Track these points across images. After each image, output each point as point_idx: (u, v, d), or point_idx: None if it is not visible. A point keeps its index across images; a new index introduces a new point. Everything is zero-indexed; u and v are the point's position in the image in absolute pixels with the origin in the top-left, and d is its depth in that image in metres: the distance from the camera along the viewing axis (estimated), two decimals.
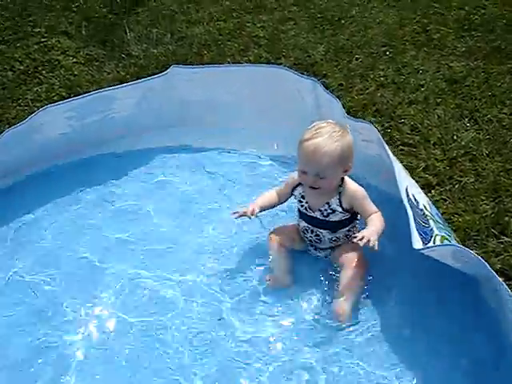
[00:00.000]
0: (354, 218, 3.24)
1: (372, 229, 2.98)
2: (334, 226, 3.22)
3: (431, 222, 2.93)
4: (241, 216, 3.25)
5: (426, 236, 2.77)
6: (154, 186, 3.91)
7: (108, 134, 3.99)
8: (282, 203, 3.40)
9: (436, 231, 2.85)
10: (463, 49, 4.98)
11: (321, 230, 3.24)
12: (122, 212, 3.74)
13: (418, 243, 2.69)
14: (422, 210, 2.98)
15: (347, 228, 3.24)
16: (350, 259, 3.12)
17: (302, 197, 3.25)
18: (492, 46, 5.00)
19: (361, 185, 3.20)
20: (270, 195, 3.38)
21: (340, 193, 3.15)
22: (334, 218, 3.19)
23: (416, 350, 2.89)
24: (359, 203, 3.15)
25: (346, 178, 3.17)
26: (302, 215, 3.29)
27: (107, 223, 3.66)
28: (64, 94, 4.65)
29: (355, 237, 2.92)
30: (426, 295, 3.10)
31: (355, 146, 3.14)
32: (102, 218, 3.71)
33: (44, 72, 4.96)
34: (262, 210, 3.31)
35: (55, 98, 4.61)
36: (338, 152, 2.99)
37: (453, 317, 2.98)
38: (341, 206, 3.15)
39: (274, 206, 3.40)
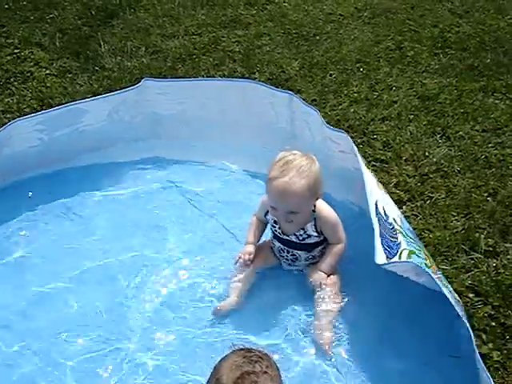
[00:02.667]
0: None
1: (321, 269, 3.11)
2: (310, 247, 3.22)
3: (400, 236, 2.91)
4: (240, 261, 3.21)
5: (391, 250, 2.75)
6: (124, 199, 3.86)
7: (78, 146, 3.94)
8: (267, 223, 3.36)
9: (404, 245, 2.83)
10: (437, 66, 5.04)
11: (296, 251, 3.23)
12: (93, 225, 3.69)
13: (381, 258, 2.68)
14: (391, 223, 2.97)
15: (323, 245, 3.24)
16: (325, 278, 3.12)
17: (275, 222, 3.22)
18: (465, 63, 5.06)
19: (332, 206, 3.21)
20: (256, 226, 3.34)
21: (315, 218, 3.14)
22: (309, 241, 3.19)
23: (387, 368, 2.87)
24: (329, 228, 3.17)
25: (319, 202, 3.15)
26: (277, 237, 3.26)
27: (74, 236, 3.61)
28: (35, 105, 4.60)
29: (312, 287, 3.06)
30: (398, 311, 3.09)
31: (332, 158, 3.13)
32: (70, 231, 3.65)
33: (16, 83, 4.91)
34: (257, 243, 3.31)
35: (26, 109, 4.56)
36: (308, 187, 2.97)
37: (425, 334, 2.97)
38: (316, 231, 3.16)
39: (264, 230, 3.37)
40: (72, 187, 3.90)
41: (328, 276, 3.12)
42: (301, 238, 3.17)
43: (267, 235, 3.39)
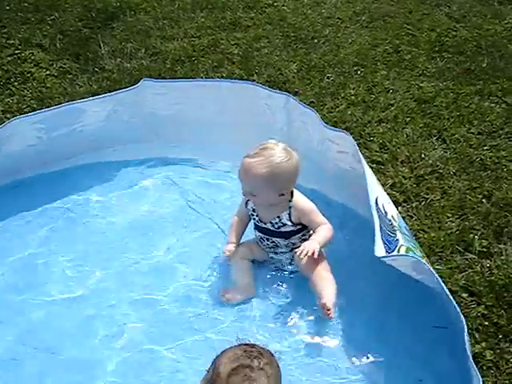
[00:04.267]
0: (305, 227, 3.31)
1: (313, 239, 3.13)
2: (286, 234, 3.29)
3: (398, 232, 2.95)
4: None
5: (390, 245, 2.79)
6: (123, 200, 3.89)
7: (77, 146, 3.97)
8: (248, 222, 3.43)
9: (402, 242, 2.87)
10: (433, 70, 5.07)
11: (275, 238, 3.30)
12: (91, 225, 3.72)
13: (380, 251, 2.71)
14: (390, 220, 3.01)
15: (300, 234, 3.31)
16: (316, 267, 3.17)
17: (254, 210, 3.32)
18: (462, 67, 5.09)
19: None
20: (237, 225, 3.41)
21: (290, 207, 3.22)
22: (285, 229, 3.27)
23: (378, 364, 2.90)
24: (307, 218, 3.24)
25: (296, 193, 3.25)
26: (256, 226, 3.36)
27: (75, 236, 3.64)
28: (35, 105, 4.62)
29: (297, 252, 3.07)
30: (388, 309, 3.13)
31: (330, 158, 3.18)
32: (70, 231, 3.68)
33: (16, 84, 4.93)
34: (238, 242, 3.37)
35: (26, 109, 4.58)
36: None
37: (415, 331, 3.01)
38: (290, 220, 3.23)
39: (245, 229, 3.44)
40: (70, 187, 3.92)
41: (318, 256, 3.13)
42: (276, 226, 3.26)
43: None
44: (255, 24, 5.76)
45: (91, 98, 3.91)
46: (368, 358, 2.93)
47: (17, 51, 5.34)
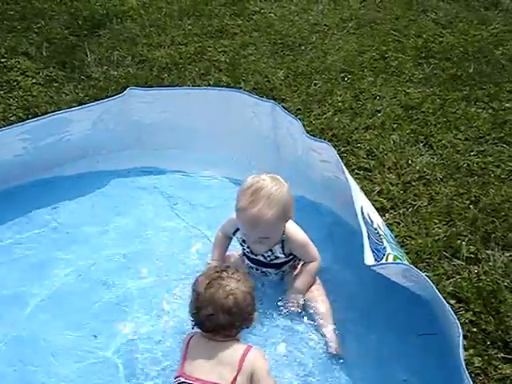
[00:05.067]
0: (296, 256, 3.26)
1: (297, 288, 3.14)
2: (278, 265, 3.24)
3: (385, 240, 2.96)
4: None
5: (378, 254, 2.79)
6: (109, 208, 3.88)
7: (63, 156, 3.96)
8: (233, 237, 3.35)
9: (389, 250, 2.88)
10: (420, 76, 5.08)
11: (266, 269, 3.25)
12: (77, 235, 3.70)
13: (370, 259, 2.71)
14: (376, 229, 3.01)
15: (291, 262, 3.27)
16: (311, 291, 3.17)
17: (243, 241, 3.22)
18: (448, 73, 5.12)
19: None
20: (220, 242, 3.33)
21: (283, 241, 3.14)
22: (277, 261, 3.21)
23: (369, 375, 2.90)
24: (301, 252, 3.20)
25: (288, 224, 3.14)
26: (246, 255, 3.26)
27: (58, 245, 3.61)
28: (21, 114, 4.61)
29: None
30: (379, 318, 3.12)
31: (315, 167, 3.13)
32: (54, 241, 3.65)
33: (2, 92, 4.91)
34: (223, 259, 3.31)
35: (12, 118, 4.57)
36: (278, 214, 2.95)
37: (407, 340, 3.00)
38: (283, 253, 3.17)
39: (229, 244, 3.37)
40: (57, 196, 3.91)
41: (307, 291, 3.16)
42: (269, 259, 3.19)
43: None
44: (242, 31, 5.76)
45: (77, 108, 3.90)
46: (353, 363, 2.93)
47: (3, 59, 5.32)
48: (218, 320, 2.61)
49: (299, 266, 3.26)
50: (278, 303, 3.14)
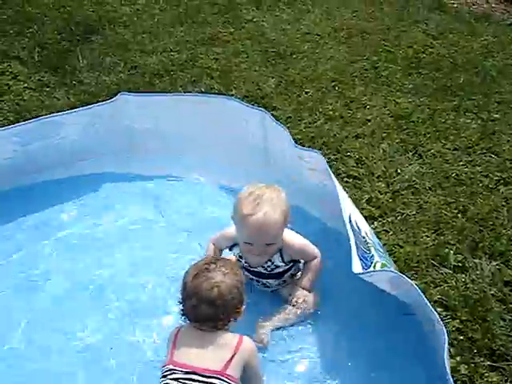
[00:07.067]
0: (295, 261, 3.25)
1: (304, 287, 3.17)
2: (279, 275, 3.23)
3: (372, 249, 2.97)
4: None
5: (366, 261, 2.80)
6: (99, 213, 3.86)
7: (53, 159, 3.94)
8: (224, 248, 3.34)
9: (376, 258, 2.88)
10: (410, 86, 5.13)
11: (266, 280, 3.24)
12: (66, 239, 3.68)
13: (357, 267, 2.71)
14: (363, 237, 3.02)
15: (291, 271, 3.26)
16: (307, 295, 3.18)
17: (240, 257, 3.21)
18: (438, 83, 5.17)
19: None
20: (211, 253, 3.30)
21: (281, 249, 3.13)
22: (277, 270, 3.19)
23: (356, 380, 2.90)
24: (300, 255, 3.22)
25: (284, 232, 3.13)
26: (244, 269, 3.21)
27: (47, 249, 3.60)
28: (12, 118, 4.60)
29: (294, 303, 3.12)
30: (368, 325, 3.11)
31: (304, 175, 3.16)
32: (44, 245, 3.63)
33: None
34: None
35: (3, 122, 4.55)
36: (283, 218, 2.97)
37: (394, 347, 3.00)
38: (283, 261, 3.16)
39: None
40: (46, 200, 3.88)
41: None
42: (269, 270, 3.18)
43: None
44: (234, 39, 5.80)
45: (68, 112, 3.89)
46: (341, 371, 2.93)
47: None
48: (201, 311, 2.62)
49: (299, 274, 3.27)
50: (287, 303, 3.16)
